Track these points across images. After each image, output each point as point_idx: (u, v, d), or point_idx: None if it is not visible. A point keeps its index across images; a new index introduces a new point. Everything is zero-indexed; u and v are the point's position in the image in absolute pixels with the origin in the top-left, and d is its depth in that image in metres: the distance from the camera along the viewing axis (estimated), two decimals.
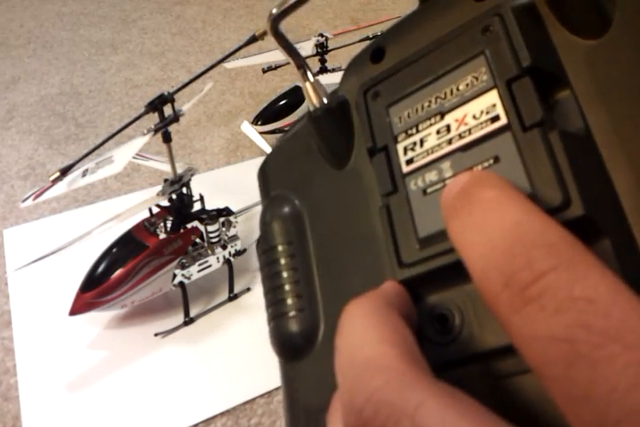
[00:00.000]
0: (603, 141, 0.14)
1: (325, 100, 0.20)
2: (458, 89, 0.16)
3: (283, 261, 0.20)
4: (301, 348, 0.19)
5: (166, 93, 0.72)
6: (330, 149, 0.20)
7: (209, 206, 0.83)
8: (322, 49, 1.10)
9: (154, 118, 0.74)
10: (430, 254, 0.15)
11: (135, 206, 0.75)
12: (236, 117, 1.27)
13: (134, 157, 0.76)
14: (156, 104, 0.72)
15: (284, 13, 0.19)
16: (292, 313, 0.19)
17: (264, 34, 0.75)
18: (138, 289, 0.76)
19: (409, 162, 0.17)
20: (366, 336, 0.13)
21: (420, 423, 0.11)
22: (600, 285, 0.11)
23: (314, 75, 0.20)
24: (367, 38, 1.12)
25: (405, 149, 0.17)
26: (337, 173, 0.20)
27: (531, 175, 0.14)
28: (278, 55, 1.06)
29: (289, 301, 0.20)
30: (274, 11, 0.19)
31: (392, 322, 0.14)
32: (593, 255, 0.12)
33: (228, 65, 1.02)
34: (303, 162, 0.21)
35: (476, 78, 0.16)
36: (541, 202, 0.13)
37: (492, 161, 0.15)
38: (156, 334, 0.80)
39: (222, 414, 0.71)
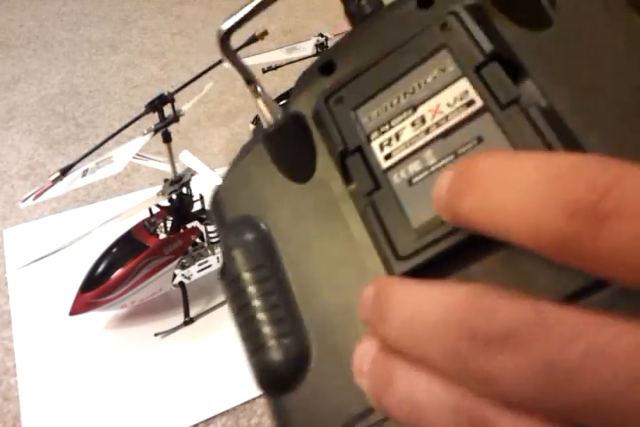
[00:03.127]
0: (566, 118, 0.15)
1: (279, 116, 0.20)
2: (425, 82, 0.17)
3: (252, 289, 0.19)
4: (291, 377, 0.18)
5: (166, 93, 0.72)
6: (290, 164, 0.20)
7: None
8: (322, 49, 1.10)
9: (154, 118, 0.74)
10: (428, 242, 0.15)
11: (135, 206, 0.75)
12: (236, 117, 1.27)
13: (134, 157, 0.76)
14: (156, 104, 0.72)
15: (233, 30, 0.19)
16: (271, 342, 0.18)
17: (264, 34, 0.75)
18: (138, 289, 0.76)
19: (387, 157, 0.17)
20: None
21: None
22: None
23: (264, 92, 0.20)
24: None
25: (382, 146, 0.17)
26: (301, 187, 0.19)
27: (518, 149, 0.14)
28: (278, 55, 1.06)
29: (265, 330, 0.18)
30: (222, 27, 0.19)
31: None
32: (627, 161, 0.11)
33: (228, 65, 1.02)
34: (262, 182, 0.20)
35: (443, 70, 0.17)
36: None
37: (475, 142, 0.15)
38: (156, 334, 0.80)
39: (222, 414, 0.71)
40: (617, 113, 0.15)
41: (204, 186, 0.86)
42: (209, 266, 0.82)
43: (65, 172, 0.71)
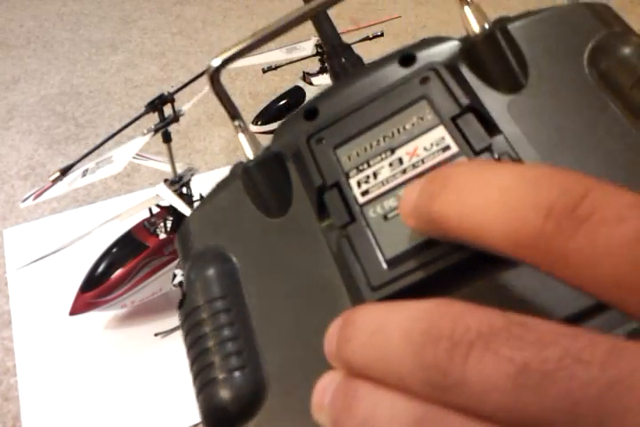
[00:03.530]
0: None
1: (260, 152, 0.20)
2: (404, 128, 0.18)
3: (210, 321, 0.18)
4: (240, 414, 0.17)
5: (166, 93, 0.72)
6: (266, 199, 0.20)
7: None
8: (322, 49, 1.10)
9: (154, 118, 0.74)
10: (401, 273, 0.15)
11: (135, 206, 0.75)
12: None
13: (134, 157, 0.76)
14: (156, 104, 0.72)
15: (222, 66, 0.20)
16: (222, 376, 0.17)
17: None
18: (138, 289, 0.76)
19: (364, 193, 0.17)
20: None
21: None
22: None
23: (247, 128, 0.21)
24: (367, 38, 1.12)
25: (359, 183, 0.18)
26: (274, 223, 0.20)
27: None
28: (278, 55, 1.06)
29: (218, 363, 0.18)
30: (212, 64, 0.20)
31: None
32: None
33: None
34: (236, 216, 0.21)
35: (421, 118, 0.18)
36: None
37: None
38: (156, 334, 0.80)
39: None
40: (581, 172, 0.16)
41: (205, 186, 0.86)
42: None
43: (65, 172, 0.71)
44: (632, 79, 0.17)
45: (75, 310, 0.74)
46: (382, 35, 1.12)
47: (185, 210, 0.71)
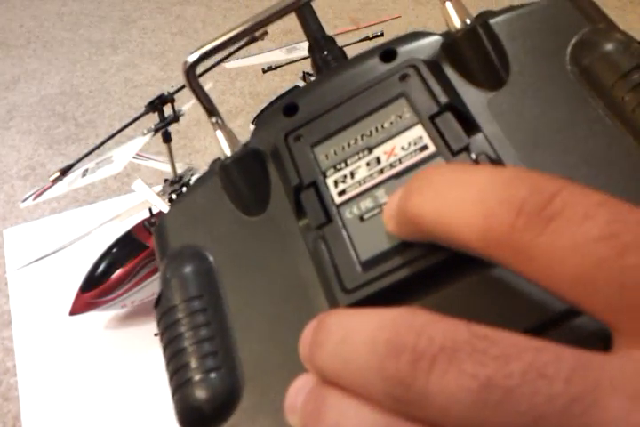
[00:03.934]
0: None
1: (238, 149, 0.20)
2: (383, 127, 0.18)
3: (187, 320, 0.18)
4: (215, 415, 0.17)
5: (166, 93, 0.72)
6: (244, 197, 0.20)
7: None
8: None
9: (154, 118, 0.74)
10: (375, 276, 0.15)
11: (135, 206, 0.75)
12: (236, 117, 1.27)
13: (134, 157, 0.76)
14: (156, 104, 0.72)
15: (198, 62, 0.19)
16: (197, 377, 0.17)
17: (264, 34, 0.75)
18: (138, 289, 0.76)
19: (341, 193, 0.17)
20: None
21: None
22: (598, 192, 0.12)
23: (225, 124, 0.20)
24: (367, 38, 1.11)
25: (336, 182, 0.17)
26: (252, 221, 0.19)
27: None
28: (278, 55, 1.06)
29: (193, 363, 0.18)
30: (188, 59, 0.19)
31: None
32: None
33: (228, 65, 1.02)
34: (213, 213, 0.20)
35: (400, 117, 0.17)
36: None
37: None
38: (156, 334, 0.80)
39: None
40: (561, 170, 0.16)
41: None
42: None
43: (65, 172, 0.70)
44: (614, 76, 0.16)
45: (75, 310, 0.74)
46: (382, 35, 1.12)
47: (164, 207, 0.71)
